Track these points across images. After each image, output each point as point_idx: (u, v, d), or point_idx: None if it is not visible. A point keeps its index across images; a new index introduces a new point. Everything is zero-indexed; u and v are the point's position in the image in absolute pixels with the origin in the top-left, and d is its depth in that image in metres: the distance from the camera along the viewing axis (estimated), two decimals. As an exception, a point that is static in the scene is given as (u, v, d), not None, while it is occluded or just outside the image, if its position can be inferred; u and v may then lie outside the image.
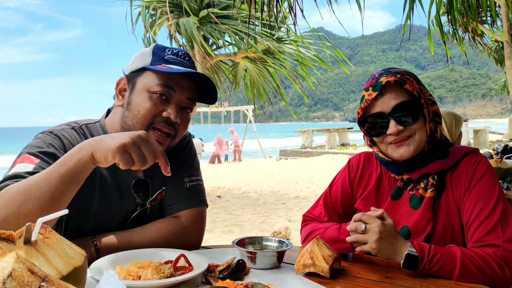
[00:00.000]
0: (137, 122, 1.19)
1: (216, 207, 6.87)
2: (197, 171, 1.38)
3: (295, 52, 7.14)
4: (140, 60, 1.23)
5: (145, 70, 1.21)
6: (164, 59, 1.22)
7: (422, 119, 1.21)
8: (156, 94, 1.18)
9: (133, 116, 1.19)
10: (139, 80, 1.21)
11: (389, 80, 1.18)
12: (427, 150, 1.24)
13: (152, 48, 1.25)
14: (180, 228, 1.25)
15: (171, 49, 1.25)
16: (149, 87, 1.19)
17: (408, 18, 4.42)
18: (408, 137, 1.20)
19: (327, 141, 19.15)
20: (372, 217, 1.08)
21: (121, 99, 1.24)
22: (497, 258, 1.05)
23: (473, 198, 1.17)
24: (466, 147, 1.29)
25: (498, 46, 11.52)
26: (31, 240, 0.68)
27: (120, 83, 1.25)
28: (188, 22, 6.21)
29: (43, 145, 1.15)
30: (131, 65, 1.25)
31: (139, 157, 0.97)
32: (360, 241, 1.07)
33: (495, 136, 20.27)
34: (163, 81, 1.18)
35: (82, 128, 1.26)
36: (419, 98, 1.20)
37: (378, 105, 1.20)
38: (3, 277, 0.52)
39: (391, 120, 1.19)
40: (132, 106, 1.20)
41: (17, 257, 0.56)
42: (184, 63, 1.25)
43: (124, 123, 1.22)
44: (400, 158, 1.22)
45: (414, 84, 1.21)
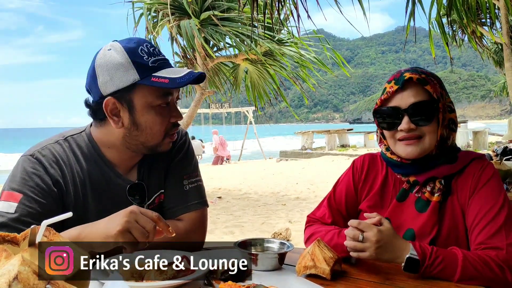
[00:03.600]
0: (152, 138, 1.19)
1: (216, 208, 6.87)
2: (196, 172, 1.36)
3: (295, 54, 7.15)
4: (122, 76, 1.12)
5: (137, 85, 1.13)
6: (149, 67, 1.14)
7: (435, 123, 1.21)
8: (160, 106, 1.17)
9: (147, 134, 1.18)
10: (136, 98, 1.14)
11: (412, 77, 1.20)
12: (435, 154, 1.24)
13: (128, 57, 1.13)
14: (182, 232, 1.25)
15: (142, 48, 1.16)
16: (151, 102, 1.15)
17: (410, 20, 4.42)
18: (417, 137, 1.21)
19: (327, 143, 19.14)
20: (369, 225, 1.08)
21: (117, 120, 1.17)
22: (499, 261, 1.05)
23: (478, 202, 1.17)
24: (474, 153, 1.29)
25: (498, 48, 11.54)
26: (35, 242, 0.69)
27: (109, 105, 1.15)
28: (189, 24, 6.23)
29: (25, 176, 1.13)
30: (110, 82, 1.13)
31: (142, 233, 0.97)
32: (358, 249, 1.08)
33: (495, 138, 20.26)
34: (162, 92, 1.15)
35: (67, 140, 1.23)
36: (438, 102, 1.20)
37: (397, 100, 1.22)
38: (9, 280, 0.53)
39: (405, 116, 1.20)
40: (142, 126, 1.17)
41: (22, 260, 0.56)
42: (163, 60, 1.18)
43: (132, 140, 1.20)
44: (405, 157, 1.23)
45: (437, 87, 1.22)
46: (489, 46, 10.65)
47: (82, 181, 1.20)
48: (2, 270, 0.54)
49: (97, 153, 1.23)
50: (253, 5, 3.63)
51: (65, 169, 1.18)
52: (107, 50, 1.16)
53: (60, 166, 1.17)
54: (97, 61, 1.16)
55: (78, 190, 1.19)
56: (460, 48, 8.58)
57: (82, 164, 1.21)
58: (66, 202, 1.17)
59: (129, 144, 1.21)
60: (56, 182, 1.15)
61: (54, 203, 1.14)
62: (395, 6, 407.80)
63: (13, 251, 0.71)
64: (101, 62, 1.15)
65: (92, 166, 1.22)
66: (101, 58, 1.15)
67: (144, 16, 6.59)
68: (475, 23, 6.35)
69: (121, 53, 1.14)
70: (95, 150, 1.23)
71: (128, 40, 1.18)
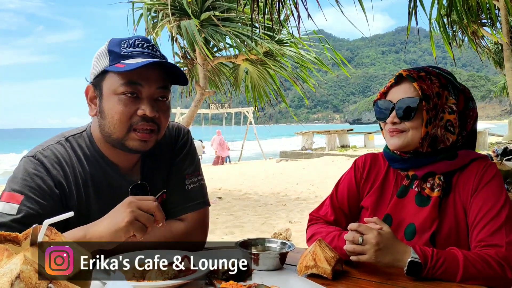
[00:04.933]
0: (114, 128, 1.14)
1: (217, 208, 6.87)
2: (198, 171, 1.35)
3: (295, 55, 7.16)
4: (99, 63, 1.16)
5: (106, 72, 1.14)
6: (121, 55, 1.13)
7: (419, 120, 1.23)
8: (124, 95, 1.12)
9: (109, 123, 1.15)
10: (104, 84, 1.15)
11: (402, 73, 1.27)
12: (427, 151, 1.25)
13: (107, 47, 1.16)
14: (184, 232, 1.25)
15: (126, 40, 1.17)
16: (115, 90, 1.12)
17: (411, 20, 4.43)
18: (400, 131, 1.26)
19: (327, 143, 19.16)
20: (369, 227, 1.08)
21: (94, 108, 1.18)
22: (499, 258, 1.06)
23: (479, 200, 1.18)
24: (475, 152, 1.30)
25: (498, 48, 11.55)
26: (37, 242, 0.69)
27: (89, 92, 1.19)
28: (189, 25, 6.23)
29: (26, 177, 1.12)
30: (92, 70, 1.18)
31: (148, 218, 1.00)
32: (357, 251, 1.08)
33: (495, 138, 20.28)
34: (126, 80, 1.11)
35: (69, 140, 1.22)
36: (426, 100, 1.22)
37: (391, 94, 1.29)
38: (11, 279, 0.53)
39: (393, 110, 1.26)
40: (105, 113, 1.15)
41: (25, 259, 0.56)
42: (143, 52, 1.16)
43: (103, 131, 1.18)
44: (390, 147, 1.30)
45: (432, 87, 1.24)
46: (489, 47, 10.67)
47: (85, 182, 1.19)
48: (4, 269, 0.54)
49: (98, 153, 1.22)
50: (253, 6, 3.63)
51: (67, 170, 1.17)
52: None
53: (62, 167, 1.17)
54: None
55: (80, 190, 1.19)
56: (460, 49, 8.60)
57: (84, 165, 1.20)
58: (69, 203, 1.16)
59: (104, 137, 1.20)
60: (58, 183, 1.15)
61: (56, 204, 1.13)
62: (395, 7, 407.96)
63: (15, 250, 0.71)
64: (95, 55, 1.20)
65: (94, 166, 1.21)
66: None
67: (144, 17, 6.59)
68: (476, 24, 6.36)
69: (106, 44, 1.18)
70: (96, 150, 1.22)
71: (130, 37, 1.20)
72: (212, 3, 6.60)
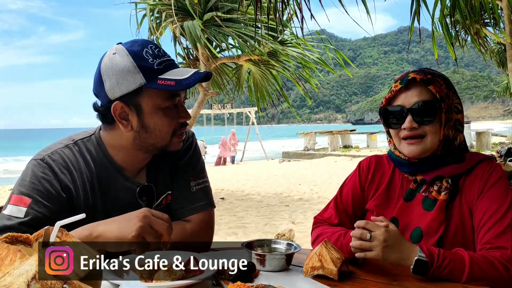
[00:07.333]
0: (161, 139, 1.20)
1: (220, 209, 6.88)
2: (202, 173, 1.37)
3: (298, 55, 7.16)
4: (129, 80, 1.13)
5: (144, 88, 1.14)
6: (155, 70, 1.14)
7: (438, 123, 1.22)
8: (169, 108, 1.18)
9: (156, 136, 1.19)
10: (143, 101, 1.15)
11: (416, 77, 1.23)
12: (440, 153, 1.25)
13: (133, 61, 1.13)
14: (189, 233, 1.26)
15: (147, 51, 1.15)
16: (159, 105, 1.16)
17: (414, 20, 4.42)
18: (420, 136, 1.23)
19: (329, 143, 19.14)
20: (376, 225, 1.09)
21: (126, 124, 1.18)
22: (504, 261, 1.06)
23: (485, 202, 1.18)
24: (481, 154, 1.30)
25: (500, 48, 11.52)
26: (49, 243, 0.70)
27: (117, 109, 1.16)
28: (192, 25, 6.24)
29: (34, 181, 1.13)
30: (117, 86, 1.14)
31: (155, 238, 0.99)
32: (364, 248, 1.08)
33: (498, 138, 20.22)
34: (169, 94, 1.16)
35: (77, 144, 1.23)
36: (441, 101, 1.22)
37: (401, 99, 1.25)
38: (27, 279, 0.54)
39: (408, 115, 1.22)
40: (151, 128, 1.18)
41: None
42: (168, 61, 1.17)
43: (143, 143, 1.21)
44: (408, 155, 1.25)
45: (442, 88, 1.24)
46: (492, 47, 10.64)
47: (92, 186, 1.21)
48: (20, 270, 0.55)
49: (106, 157, 1.23)
50: (257, 6, 3.64)
51: (75, 174, 1.18)
52: (112, 55, 1.16)
53: (70, 171, 1.18)
54: (102, 66, 1.16)
55: (87, 194, 1.20)
56: (462, 49, 8.58)
57: (91, 169, 1.21)
58: (76, 207, 1.17)
59: (139, 146, 1.22)
60: (65, 188, 1.16)
61: (63, 208, 1.15)
62: (397, 7, 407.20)
63: (26, 251, 0.72)
64: (107, 67, 1.15)
65: (101, 170, 1.22)
66: (107, 63, 1.16)
67: (147, 17, 6.61)
68: (479, 24, 6.35)
69: (126, 57, 1.14)
70: (104, 154, 1.23)
71: (133, 43, 1.18)
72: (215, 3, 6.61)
